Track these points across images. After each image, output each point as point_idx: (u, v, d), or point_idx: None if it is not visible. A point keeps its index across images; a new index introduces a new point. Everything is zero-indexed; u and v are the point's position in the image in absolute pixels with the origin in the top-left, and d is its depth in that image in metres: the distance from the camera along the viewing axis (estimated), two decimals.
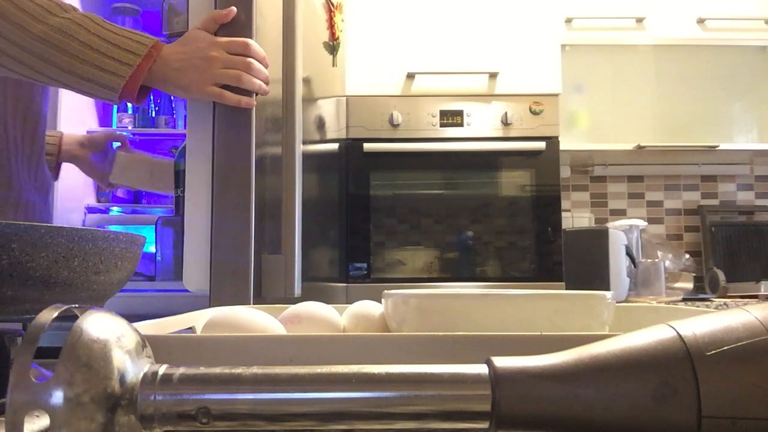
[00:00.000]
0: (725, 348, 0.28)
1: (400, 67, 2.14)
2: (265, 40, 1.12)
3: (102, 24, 0.97)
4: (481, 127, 2.11)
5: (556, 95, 2.15)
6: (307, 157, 1.99)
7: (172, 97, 2.13)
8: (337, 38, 1.90)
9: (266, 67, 1.08)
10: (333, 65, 1.90)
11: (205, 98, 1.04)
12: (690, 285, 2.30)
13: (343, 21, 1.92)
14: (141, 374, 0.29)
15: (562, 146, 2.17)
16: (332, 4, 1.89)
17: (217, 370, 0.29)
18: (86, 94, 0.99)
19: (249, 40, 1.04)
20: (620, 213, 2.75)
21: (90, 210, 2.07)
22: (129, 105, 2.06)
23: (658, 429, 0.27)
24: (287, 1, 1.15)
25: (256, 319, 0.47)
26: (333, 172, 2.01)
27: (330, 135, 1.94)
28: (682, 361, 0.28)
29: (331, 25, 1.89)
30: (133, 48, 0.97)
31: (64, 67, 0.94)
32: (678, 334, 0.29)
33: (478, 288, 2.10)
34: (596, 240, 2.11)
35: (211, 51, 1.01)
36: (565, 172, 2.64)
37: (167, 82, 1.01)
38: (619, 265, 2.08)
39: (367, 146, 2.09)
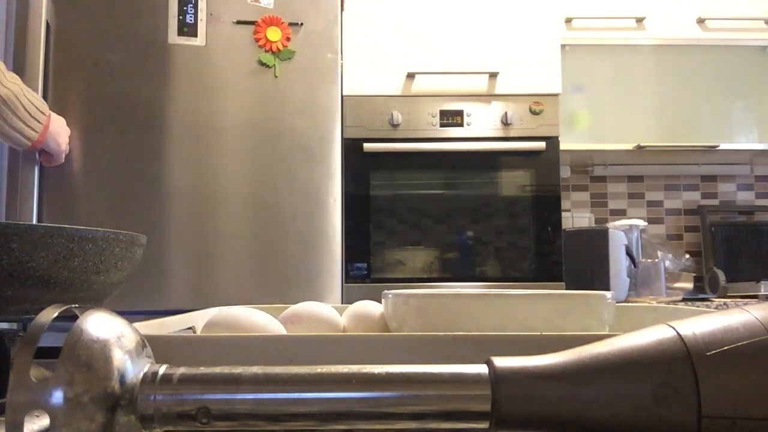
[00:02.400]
0: (725, 348, 0.28)
1: (400, 67, 2.14)
2: None
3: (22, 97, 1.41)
4: (481, 127, 2.11)
5: (556, 95, 2.15)
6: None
7: None
8: (278, 49, 1.93)
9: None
10: (274, 76, 1.95)
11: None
12: (690, 285, 2.30)
13: (288, 30, 1.97)
14: (141, 374, 0.29)
15: (562, 146, 2.17)
16: (259, 21, 1.94)
17: (217, 370, 0.29)
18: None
19: None
20: (620, 213, 2.75)
21: None
22: None
23: (658, 429, 0.27)
24: None
25: (256, 319, 0.47)
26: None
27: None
28: (682, 361, 0.28)
29: (267, 40, 1.93)
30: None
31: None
32: (678, 334, 0.29)
33: (478, 288, 2.10)
34: (596, 240, 2.11)
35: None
36: (565, 172, 2.64)
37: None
38: (619, 265, 2.08)
39: (367, 146, 2.09)
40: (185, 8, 1.96)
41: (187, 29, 1.96)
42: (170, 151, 1.98)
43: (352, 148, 2.10)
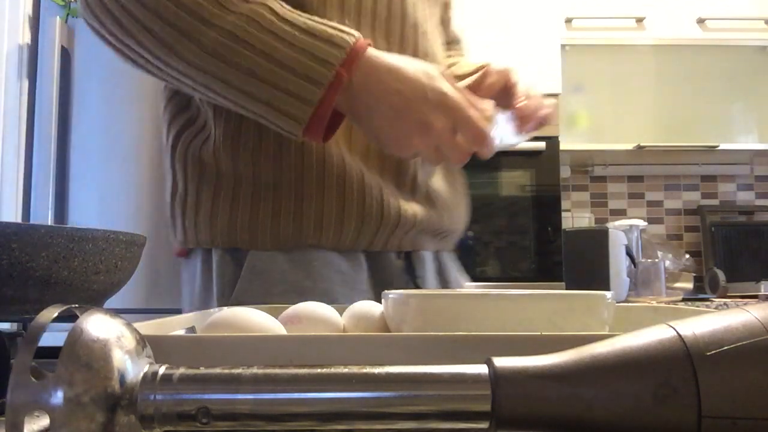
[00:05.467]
0: (725, 348, 0.28)
1: None
2: None
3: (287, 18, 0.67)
4: None
5: (556, 95, 2.15)
6: None
7: None
8: None
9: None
10: None
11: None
12: (690, 285, 2.30)
13: None
14: (141, 374, 0.29)
15: (562, 146, 2.17)
16: None
17: (217, 370, 0.29)
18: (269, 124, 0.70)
19: (490, 135, 0.69)
20: (620, 213, 2.76)
21: None
22: None
23: (658, 429, 0.27)
24: None
25: (256, 319, 0.47)
26: None
27: None
28: (682, 361, 0.28)
29: None
30: (326, 55, 0.65)
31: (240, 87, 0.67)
32: (678, 334, 0.29)
33: (478, 288, 2.10)
34: (596, 240, 2.11)
35: (435, 117, 0.67)
36: (565, 172, 2.64)
37: (353, 115, 0.71)
38: (619, 265, 2.08)
39: None
40: None
41: None
42: None
43: None
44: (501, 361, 0.29)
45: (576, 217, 2.66)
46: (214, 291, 0.80)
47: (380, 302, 0.52)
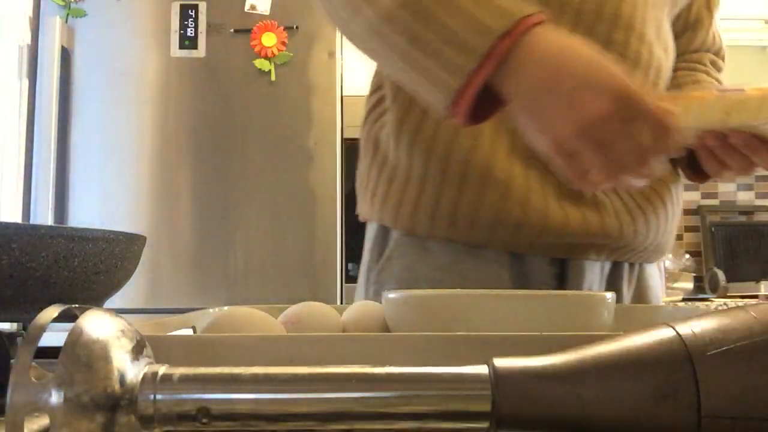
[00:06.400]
0: (725, 348, 0.28)
1: None
2: None
3: None
4: None
5: None
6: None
7: None
8: (273, 54, 1.94)
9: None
10: (271, 81, 1.96)
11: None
12: (690, 285, 2.30)
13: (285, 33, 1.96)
14: (141, 374, 0.29)
15: None
16: (254, 29, 1.95)
17: (217, 370, 0.29)
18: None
19: (672, 124, 0.56)
20: None
21: None
22: None
23: (658, 429, 0.27)
24: None
25: (256, 319, 0.47)
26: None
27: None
28: (682, 361, 0.28)
29: (263, 46, 1.94)
30: (486, 26, 0.58)
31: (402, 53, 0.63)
32: (678, 334, 0.29)
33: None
34: None
35: (596, 99, 0.55)
36: None
37: (505, 95, 0.61)
38: None
39: None
40: (186, 22, 1.98)
41: (188, 42, 1.98)
42: (172, 154, 1.99)
43: (352, 148, 2.09)
44: (501, 361, 0.29)
45: None
46: (370, 262, 0.86)
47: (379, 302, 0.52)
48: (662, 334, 0.29)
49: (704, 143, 0.70)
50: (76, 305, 0.30)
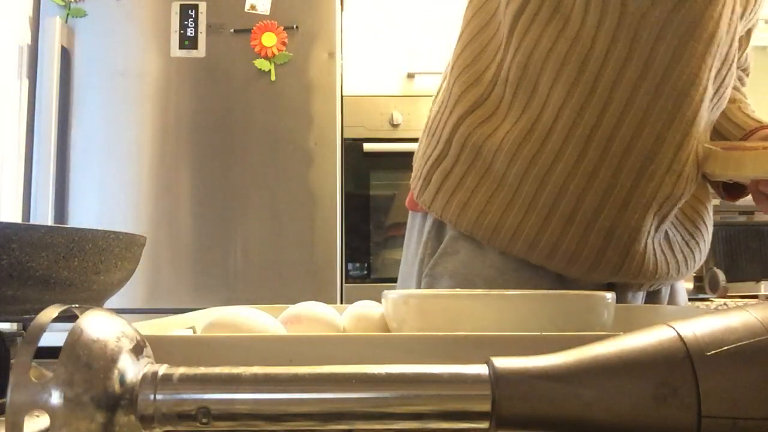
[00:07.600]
0: (725, 348, 0.28)
1: (400, 67, 2.14)
2: None
3: None
4: None
5: None
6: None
7: None
8: (273, 54, 1.94)
9: None
10: (271, 80, 1.96)
11: None
12: (690, 285, 2.30)
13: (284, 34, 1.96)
14: (141, 374, 0.29)
15: None
16: (254, 29, 1.95)
17: (217, 370, 0.29)
18: None
19: None
20: None
21: None
22: None
23: (658, 429, 0.27)
24: None
25: (256, 319, 0.47)
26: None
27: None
28: (682, 361, 0.28)
29: (263, 46, 1.94)
30: None
31: None
32: (678, 334, 0.29)
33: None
34: None
35: None
36: None
37: None
38: None
39: (367, 146, 2.09)
40: (186, 22, 1.98)
41: (188, 42, 1.98)
42: (172, 154, 1.99)
43: (352, 148, 2.10)
44: (501, 361, 0.29)
45: None
46: (424, 254, 0.85)
47: (379, 302, 0.52)
48: (662, 334, 0.29)
49: (757, 187, 0.89)
50: (76, 305, 0.30)
